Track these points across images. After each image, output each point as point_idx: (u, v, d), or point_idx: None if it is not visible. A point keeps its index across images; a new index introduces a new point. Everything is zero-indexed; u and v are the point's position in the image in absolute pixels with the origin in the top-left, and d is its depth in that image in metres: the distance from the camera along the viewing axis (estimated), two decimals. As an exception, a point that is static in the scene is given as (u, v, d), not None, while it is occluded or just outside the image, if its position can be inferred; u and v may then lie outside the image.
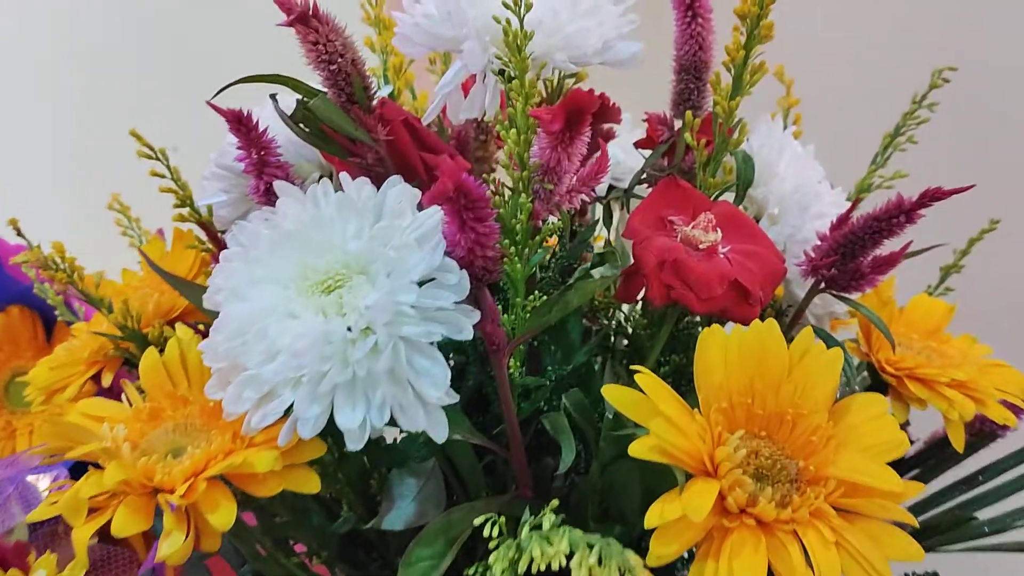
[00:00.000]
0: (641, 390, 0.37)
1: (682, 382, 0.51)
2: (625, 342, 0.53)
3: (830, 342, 0.40)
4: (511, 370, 0.44)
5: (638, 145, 0.55)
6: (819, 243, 0.45)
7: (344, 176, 0.39)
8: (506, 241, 0.40)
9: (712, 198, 0.48)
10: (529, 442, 0.49)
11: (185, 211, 0.48)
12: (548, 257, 0.51)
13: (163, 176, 0.47)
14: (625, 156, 0.59)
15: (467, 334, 0.37)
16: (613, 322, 0.52)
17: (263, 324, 0.37)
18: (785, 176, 0.49)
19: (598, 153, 0.45)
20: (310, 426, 0.36)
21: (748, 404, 0.38)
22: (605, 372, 0.47)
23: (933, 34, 0.90)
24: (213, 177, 0.52)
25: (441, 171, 0.34)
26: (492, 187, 0.45)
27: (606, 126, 0.56)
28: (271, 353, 0.37)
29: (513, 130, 0.39)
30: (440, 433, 0.38)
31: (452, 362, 0.50)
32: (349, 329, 0.36)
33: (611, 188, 0.58)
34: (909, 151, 0.56)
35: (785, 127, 0.52)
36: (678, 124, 0.51)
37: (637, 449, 0.35)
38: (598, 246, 0.58)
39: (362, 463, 0.48)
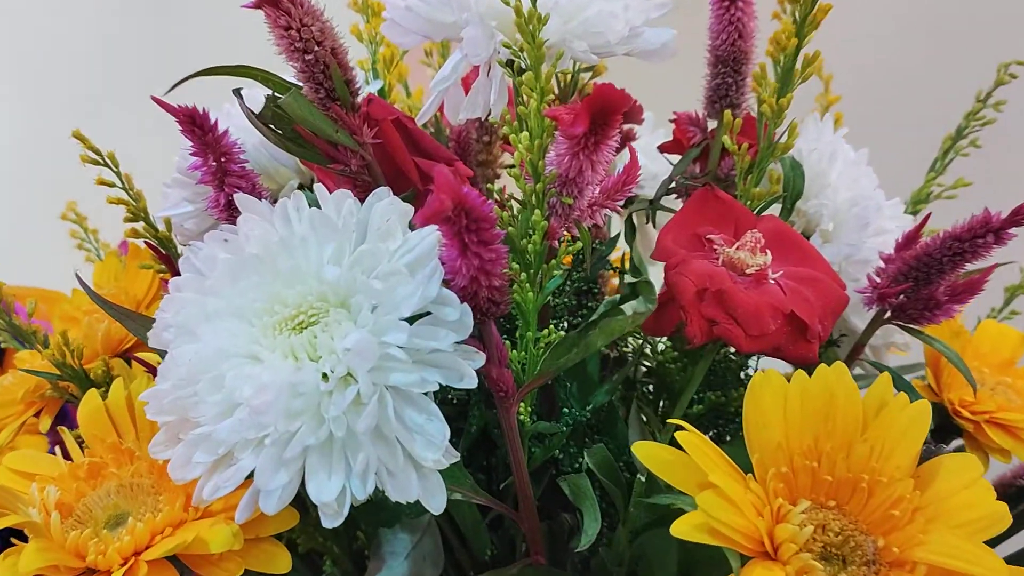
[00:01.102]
0: (678, 444, 0.31)
1: (719, 422, 0.44)
2: (646, 369, 0.47)
3: (912, 393, 0.33)
4: (521, 416, 0.37)
5: (663, 149, 0.48)
6: (883, 265, 0.39)
7: (320, 188, 0.32)
8: (516, 265, 0.33)
9: (755, 211, 0.41)
10: (542, 492, 0.42)
11: (139, 225, 0.41)
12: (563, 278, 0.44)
13: (112, 185, 0.40)
14: (647, 160, 0.52)
15: (469, 381, 0.31)
16: (638, 353, 0.45)
17: (219, 370, 0.30)
18: (838, 186, 0.42)
19: (624, 157, 0.39)
20: (275, 500, 0.29)
21: (813, 468, 0.31)
22: (631, 415, 0.40)
23: (997, 22, 0.82)
24: (176, 184, 0.45)
25: (437, 185, 0.27)
26: (498, 197, 0.38)
27: (626, 127, 0.50)
28: (228, 407, 0.30)
29: (525, 133, 0.32)
30: (437, 503, 0.31)
31: (451, 396, 0.43)
32: (325, 377, 0.30)
33: (632, 197, 0.51)
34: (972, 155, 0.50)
35: (836, 129, 0.45)
36: (712, 125, 0.44)
37: (681, 529, 0.29)
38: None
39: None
